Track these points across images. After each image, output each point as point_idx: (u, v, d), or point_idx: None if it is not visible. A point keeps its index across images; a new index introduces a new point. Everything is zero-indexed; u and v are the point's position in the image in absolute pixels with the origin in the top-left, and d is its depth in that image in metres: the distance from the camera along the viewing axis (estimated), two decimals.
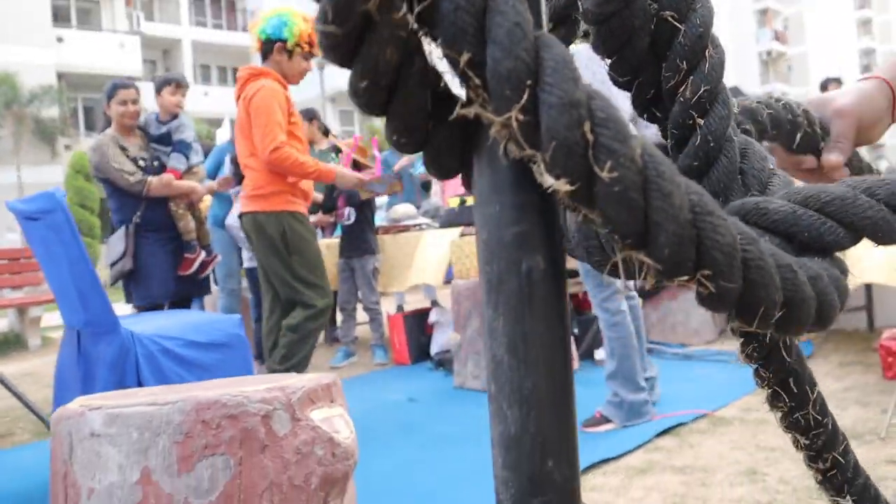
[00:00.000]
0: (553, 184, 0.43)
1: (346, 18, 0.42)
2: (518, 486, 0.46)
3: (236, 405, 1.08)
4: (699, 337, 5.00)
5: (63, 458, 1.11)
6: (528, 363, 0.46)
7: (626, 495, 2.34)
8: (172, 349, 2.69)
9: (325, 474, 1.15)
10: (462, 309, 4.16)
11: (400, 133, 0.48)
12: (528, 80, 0.41)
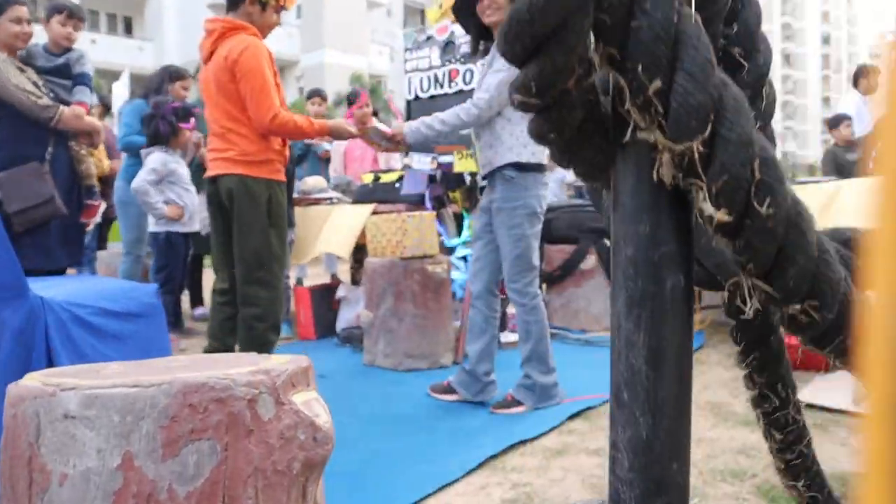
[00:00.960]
0: (712, 213, 0.45)
1: (548, 94, 0.44)
2: (643, 488, 0.49)
3: (224, 388, 1.05)
4: (599, 323, 5.20)
5: (28, 440, 1.04)
6: (664, 375, 0.49)
7: (545, 476, 2.43)
8: (86, 318, 2.55)
9: (307, 459, 1.13)
10: (376, 287, 4.16)
11: (578, 163, 0.50)
12: (712, 115, 0.43)
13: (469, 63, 4.55)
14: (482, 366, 3.37)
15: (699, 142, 0.42)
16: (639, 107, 0.44)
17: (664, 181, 0.46)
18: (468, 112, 3.09)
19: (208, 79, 3.21)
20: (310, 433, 1.14)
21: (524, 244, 3.21)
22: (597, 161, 0.51)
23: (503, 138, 3.16)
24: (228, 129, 3.16)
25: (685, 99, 0.41)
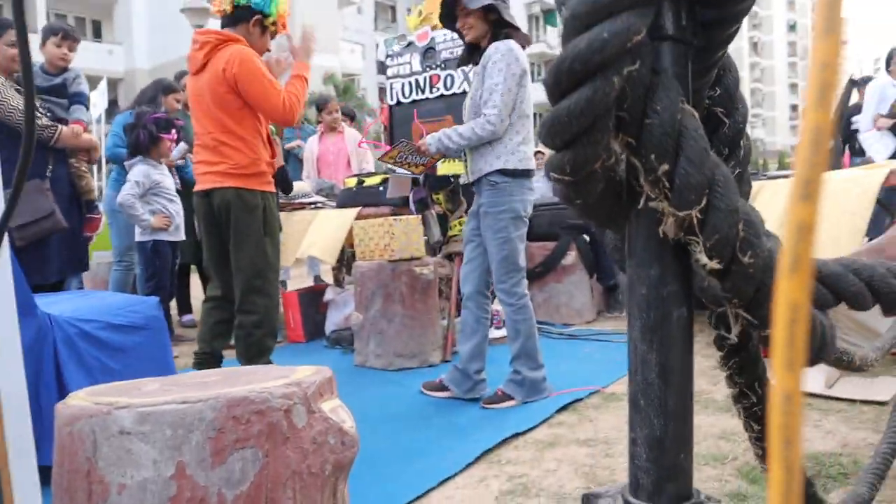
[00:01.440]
0: (707, 262, 0.58)
1: (579, 174, 0.57)
2: (657, 474, 0.62)
3: (262, 401, 1.16)
4: (581, 317, 5.36)
5: (85, 455, 1.15)
6: (672, 386, 0.62)
7: (539, 467, 2.56)
8: (91, 332, 2.64)
9: (336, 461, 1.25)
10: (365, 290, 4.27)
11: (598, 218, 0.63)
12: (706, 190, 0.56)
13: (449, 69, 4.66)
14: (473, 364, 3.50)
15: (697, 210, 0.55)
16: (650, 183, 0.57)
17: (668, 237, 0.59)
18: (483, 127, 3.23)
19: (201, 90, 3.27)
20: (338, 438, 1.26)
21: (510, 247, 3.34)
22: (611, 217, 0.64)
23: (493, 146, 3.30)
24: (222, 142, 3.24)
25: (686, 179, 0.54)
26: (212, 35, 3.29)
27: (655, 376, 0.60)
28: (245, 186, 3.25)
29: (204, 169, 3.32)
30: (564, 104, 0.55)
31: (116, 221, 5.17)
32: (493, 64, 3.23)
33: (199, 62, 3.28)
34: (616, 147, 0.57)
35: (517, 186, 3.32)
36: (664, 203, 0.56)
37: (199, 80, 3.27)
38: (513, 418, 3.13)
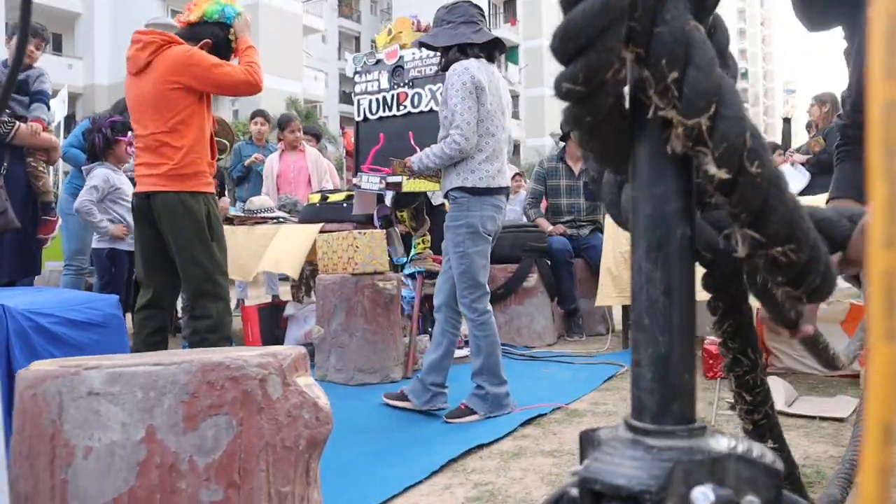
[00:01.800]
0: (715, 172, 0.59)
1: (592, 83, 0.58)
2: (663, 393, 0.62)
3: (238, 367, 1.13)
4: (541, 340, 5.38)
5: (50, 418, 1.10)
6: (677, 302, 0.62)
7: (505, 475, 2.54)
8: (47, 326, 2.55)
9: (311, 437, 1.22)
10: (327, 303, 4.22)
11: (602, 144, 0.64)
12: (715, 98, 0.57)
13: (417, 87, 4.70)
14: (431, 376, 3.47)
15: (705, 117, 0.56)
16: (659, 93, 0.57)
17: (675, 151, 0.59)
18: (451, 147, 3.27)
19: (142, 89, 3.21)
20: (313, 413, 1.23)
21: (467, 261, 3.35)
22: (615, 141, 0.65)
23: (456, 164, 3.34)
24: (164, 143, 3.18)
25: (696, 85, 0.55)
26: (156, 35, 3.25)
27: (660, 294, 0.60)
28: (186, 190, 3.19)
29: (145, 171, 3.24)
30: (580, 7, 0.55)
31: (68, 224, 5.04)
32: (450, 86, 3.29)
33: (142, 61, 3.21)
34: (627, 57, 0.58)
35: (477, 202, 3.34)
36: (673, 112, 0.57)
37: (142, 79, 3.21)
38: (477, 431, 3.11)
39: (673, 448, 0.60)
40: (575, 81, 0.59)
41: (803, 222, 0.62)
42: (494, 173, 3.37)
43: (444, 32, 3.41)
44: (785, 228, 0.61)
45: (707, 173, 0.59)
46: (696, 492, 0.55)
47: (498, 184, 3.39)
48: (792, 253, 0.64)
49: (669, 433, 0.62)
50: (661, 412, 0.62)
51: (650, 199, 0.62)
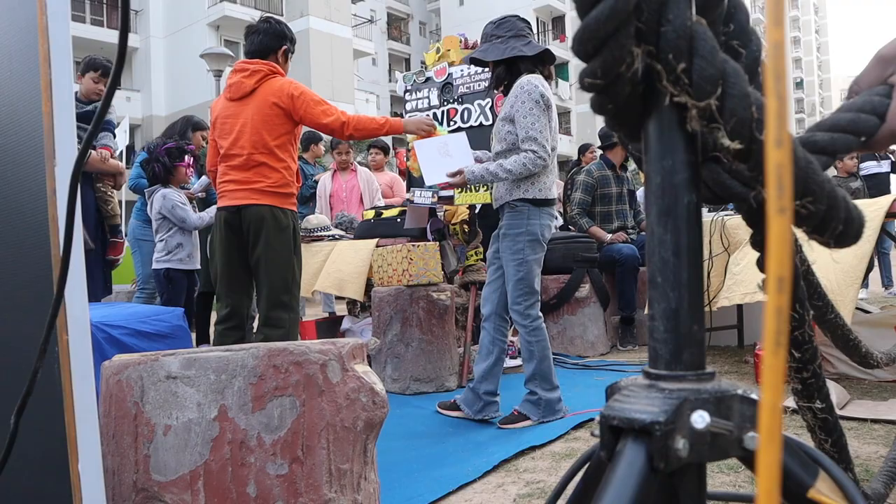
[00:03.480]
0: (729, 144, 0.67)
1: (609, 76, 0.67)
2: (675, 343, 0.70)
3: (301, 353, 1.24)
4: (595, 349, 5.39)
5: (133, 400, 1.22)
6: (685, 261, 0.70)
7: (557, 474, 2.59)
8: (119, 338, 2.72)
9: (368, 419, 1.32)
10: (383, 315, 4.34)
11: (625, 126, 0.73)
12: (720, 81, 0.66)
13: (466, 103, 4.81)
14: (484, 385, 3.53)
15: (714, 98, 0.65)
16: (672, 82, 0.66)
17: (694, 129, 0.68)
18: (535, 163, 3.32)
19: (241, 113, 3.45)
20: (370, 397, 1.33)
21: (525, 268, 3.41)
22: (636, 124, 0.74)
23: (515, 181, 3.42)
24: (261, 163, 3.40)
25: (702, 72, 0.64)
26: (261, 65, 3.49)
27: (671, 254, 0.68)
28: (279, 205, 3.41)
29: (236, 187, 3.44)
30: (593, 14, 0.65)
31: (140, 250, 5.29)
32: (521, 103, 3.35)
33: (248, 88, 3.46)
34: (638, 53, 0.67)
35: (536, 212, 3.42)
36: (686, 97, 0.65)
37: (245, 104, 3.46)
38: (529, 434, 3.17)
39: (682, 389, 0.68)
40: (594, 76, 0.68)
41: (817, 176, 0.70)
42: (551, 185, 3.47)
43: (495, 47, 3.47)
44: (800, 184, 0.70)
45: (723, 146, 0.68)
46: (695, 415, 0.62)
47: (553, 195, 3.49)
48: (810, 205, 0.72)
49: (680, 377, 0.69)
50: (673, 360, 0.70)
51: (660, 170, 0.70)
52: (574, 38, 0.71)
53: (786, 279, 0.43)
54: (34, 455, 1.15)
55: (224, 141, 3.51)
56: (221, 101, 3.56)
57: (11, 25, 1.10)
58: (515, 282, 3.43)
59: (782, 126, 0.42)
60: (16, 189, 1.15)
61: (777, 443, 0.44)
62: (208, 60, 13.36)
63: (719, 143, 0.67)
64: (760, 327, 5.68)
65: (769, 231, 0.45)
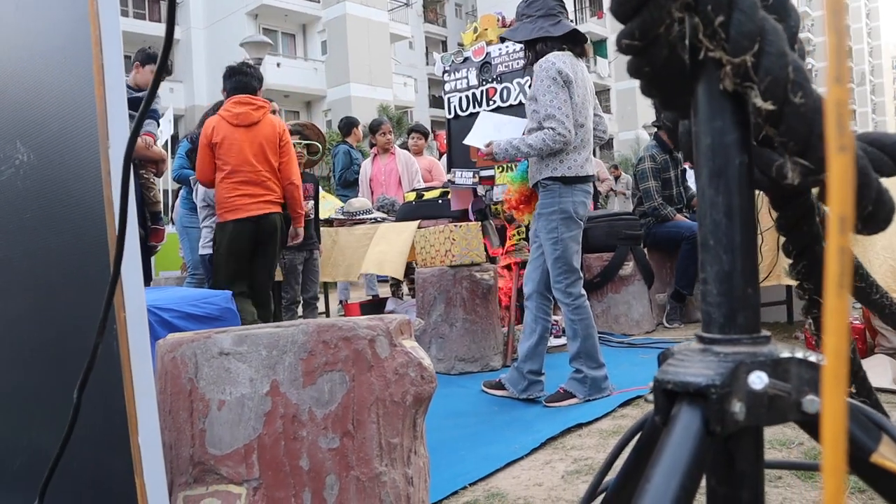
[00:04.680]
0: (762, 104, 0.66)
1: (647, 38, 0.66)
2: (728, 307, 0.69)
3: (349, 329, 1.26)
4: (640, 328, 5.35)
5: (188, 376, 1.25)
6: (737, 224, 0.69)
7: (604, 451, 2.59)
8: (170, 320, 2.78)
9: (416, 393, 1.33)
10: (427, 295, 4.36)
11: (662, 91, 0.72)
12: (758, 37, 0.64)
13: (505, 81, 4.78)
14: (528, 364, 3.53)
15: (750, 55, 0.63)
16: (708, 36, 0.65)
17: (727, 88, 0.67)
18: (555, 140, 3.29)
19: (254, 139, 4.19)
20: (418, 372, 1.34)
21: (562, 246, 3.39)
22: (673, 89, 0.73)
23: (543, 159, 3.42)
24: (269, 178, 4.23)
25: (740, 27, 0.62)
26: (263, 102, 4.30)
27: (723, 216, 0.67)
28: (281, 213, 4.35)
29: (250, 200, 4.16)
30: None
31: (188, 237, 5.39)
32: (540, 81, 3.35)
33: (255, 118, 4.21)
34: (676, 13, 0.65)
35: (568, 189, 3.40)
36: (721, 52, 0.64)
37: (252, 131, 4.19)
38: (576, 412, 3.16)
39: (738, 352, 0.67)
40: (632, 37, 0.67)
41: None
42: (583, 162, 3.43)
43: (524, 27, 3.48)
44: None
45: (755, 106, 0.66)
46: (753, 376, 0.62)
47: (586, 172, 3.45)
48: None
49: (735, 341, 0.69)
50: (727, 323, 0.69)
51: (710, 131, 0.69)
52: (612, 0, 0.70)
53: (848, 218, 0.42)
54: (96, 429, 1.19)
55: (236, 159, 4.16)
56: (232, 128, 4.16)
57: (63, 14, 1.13)
58: (554, 260, 3.41)
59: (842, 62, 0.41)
60: (71, 172, 1.18)
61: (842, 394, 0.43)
62: (248, 49, 13.48)
63: (751, 102, 0.66)
64: None
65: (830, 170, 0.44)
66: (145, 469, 1.06)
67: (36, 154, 1.33)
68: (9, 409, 1.58)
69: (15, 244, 1.43)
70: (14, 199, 1.41)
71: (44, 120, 1.27)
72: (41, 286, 1.42)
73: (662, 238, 5.68)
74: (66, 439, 1.13)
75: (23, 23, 1.24)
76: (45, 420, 1.46)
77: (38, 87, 1.27)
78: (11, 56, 1.32)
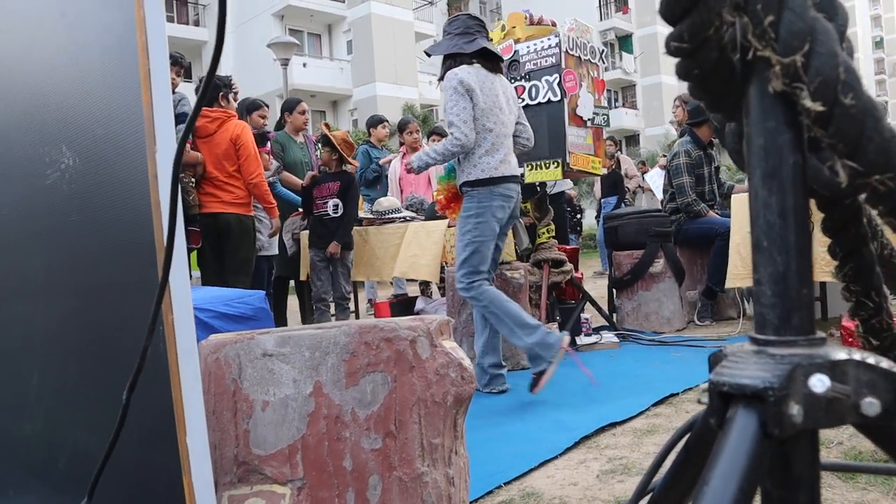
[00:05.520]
0: (811, 106, 0.65)
1: (696, 40, 0.66)
2: (783, 308, 0.68)
3: (391, 330, 1.26)
4: (670, 325, 5.31)
5: (231, 377, 1.27)
6: (791, 225, 0.68)
7: (639, 450, 2.57)
8: (206, 320, 2.82)
9: (457, 394, 1.33)
10: (457, 294, 4.35)
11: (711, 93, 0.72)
12: (809, 37, 0.63)
13: (534, 79, 4.77)
14: (487, 359, 3.71)
15: (800, 55, 0.63)
16: (758, 36, 0.65)
17: (775, 89, 0.66)
18: (453, 144, 3.54)
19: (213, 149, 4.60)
20: (458, 372, 1.35)
21: (471, 249, 3.61)
22: (723, 91, 0.73)
23: (461, 163, 3.67)
24: (228, 182, 4.63)
25: (790, 27, 0.62)
26: (220, 113, 4.69)
27: (776, 217, 0.67)
28: (244, 213, 4.75)
29: (212, 199, 4.59)
30: None
31: None
32: (445, 93, 3.61)
33: (211, 130, 4.63)
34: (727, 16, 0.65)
35: (486, 193, 3.60)
36: (769, 52, 0.64)
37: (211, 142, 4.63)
38: (609, 410, 3.15)
39: (794, 354, 0.66)
40: (682, 40, 0.67)
41: None
42: (497, 164, 3.60)
43: (444, 43, 3.75)
44: (882, 157, 0.66)
45: (804, 107, 0.65)
46: (814, 378, 0.61)
47: (502, 173, 3.62)
48: (890, 181, 0.68)
49: (790, 343, 0.68)
50: (782, 325, 0.68)
51: (762, 132, 0.69)
52: (662, 1, 0.70)
53: None
54: (143, 429, 1.21)
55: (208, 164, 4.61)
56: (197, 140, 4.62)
57: (109, 21, 1.15)
58: (462, 261, 3.63)
59: None
60: (117, 176, 1.20)
61: None
62: (275, 49, 13.60)
63: (800, 103, 0.65)
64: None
65: None
66: (193, 469, 1.08)
67: (81, 158, 1.36)
68: (54, 410, 1.61)
69: (60, 247, 1.45)
70: (59, 203, 1.44)
71: (89, 125, 1.29)
72: (85, 289, 1.44)
73: (694, 234, 5.63)
74: (114, 439, 1.15)
75: (68, 30, 1.26)
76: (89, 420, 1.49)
77: (83, 93, 1.30)
78: (57, 63, 1.34)
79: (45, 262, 1.53)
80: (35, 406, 1.63)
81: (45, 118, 1.46)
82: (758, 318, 0.71)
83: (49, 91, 1.40)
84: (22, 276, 1.58)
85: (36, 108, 1.46)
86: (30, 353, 1.62)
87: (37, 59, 1.39)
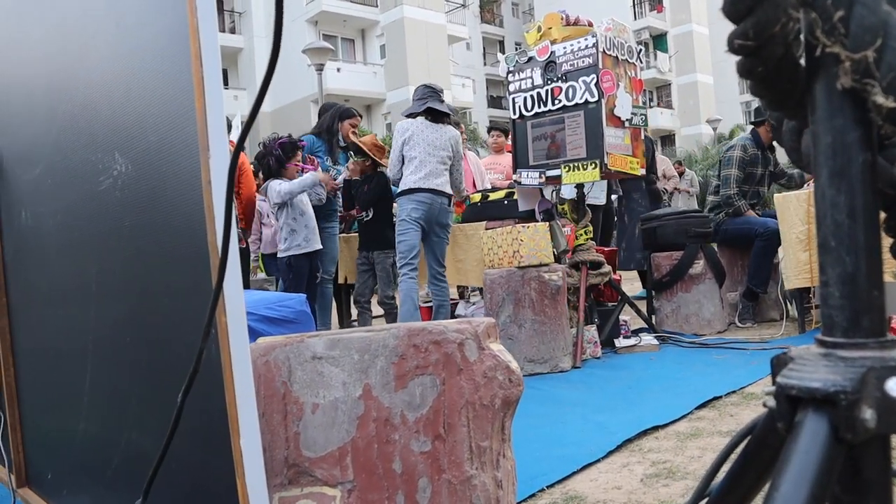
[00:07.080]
0: (883, 102, 0.64)
1: (761, 37, 0.64)
2: (852, 309, 0.67)
3: (439, 333, 1.27)
4: (711, 327, 5.24)
5: (281, 379, 1.28)
6: (860, 224, 0.67)
7: (683, 454, 2.54)
8: (249, 324, 2.84)
9: (505, 396, 1.33)
10: (495, 296, 4.36)
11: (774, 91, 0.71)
12: (881, 32, 0.62)
13: (571, 80, 4.74)
14: None
15: (872, 50, 0.61)
16: (826, 32, 0.64)
17: (844, 85, 0.65)
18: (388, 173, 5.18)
19: None
20: (506, 375, 1.34)
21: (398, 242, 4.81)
22: (786, 89, 0.71)
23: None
24: None
25: (861, 21, 0.61)
26: None
27: (845, 217, 0.65)
28: None
29: None
30: None
31: None
32: None
33: None
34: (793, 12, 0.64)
35: (404, 200, 4.80)
36: (839, 48, 0.62)
37: None
38: (651, 413, 3.12)
39: (865, 357, 0.65)
40: (746, 37, 0.66)
41: None
42: (416, 180, 4.75)
43: (412, 105, 5.01)
44: None
45: (875, 104, 0.64)
46: (891, 382, 0.60)
47: (418, 186, 4.75)
48: None
49: (861, 345, 0.66)
50: (852, 327, 0.67)
51: (830, 130, 0.67)
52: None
53: None
54: (196, 431, 1.22)
55: None
56: None
57: (162, 29, 1.17)
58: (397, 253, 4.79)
59: None
60: (169, 182, 1.22)
61: None
62: (310, 55, 13.73)
63: (871, 100, 0.64)
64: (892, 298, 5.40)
65: None
66: (247, 471, 1.09)
67: (133, 165, 1.38)
68: (108, 410, 1.64)
69: (114, 252, 1.48)
70: (112, 209, 1.47)
71: (142, 132, 1.31)
72: (138, 292, 1.47)
73: (734, 234, 5.55)
74: (168, 440, 1.16)
75: (122, 39, 1.28)
76: (141, 421, 1.52)
77: (135, 100, 1.32)
78: (110, 71, 1.37)
79: (98, 266, 1.56)
80: (89, 407, 1.66)
81: (97, 126, 1.49)
82: (825, 320, 0.69)
83: (101, 99, 1.43)
84: (76, 279, 1.61)
85: (89, 116, 1.49)
86: (83, 356, 1.66)
87: (91, 66, 1.42)
